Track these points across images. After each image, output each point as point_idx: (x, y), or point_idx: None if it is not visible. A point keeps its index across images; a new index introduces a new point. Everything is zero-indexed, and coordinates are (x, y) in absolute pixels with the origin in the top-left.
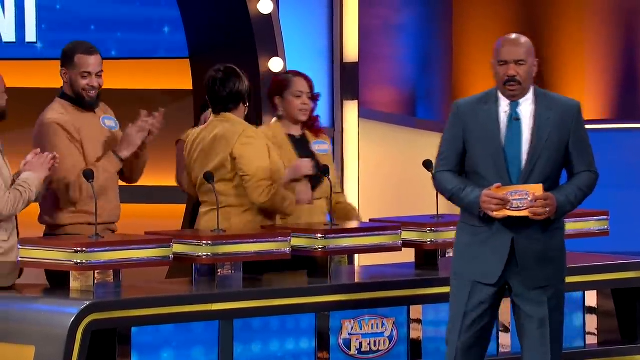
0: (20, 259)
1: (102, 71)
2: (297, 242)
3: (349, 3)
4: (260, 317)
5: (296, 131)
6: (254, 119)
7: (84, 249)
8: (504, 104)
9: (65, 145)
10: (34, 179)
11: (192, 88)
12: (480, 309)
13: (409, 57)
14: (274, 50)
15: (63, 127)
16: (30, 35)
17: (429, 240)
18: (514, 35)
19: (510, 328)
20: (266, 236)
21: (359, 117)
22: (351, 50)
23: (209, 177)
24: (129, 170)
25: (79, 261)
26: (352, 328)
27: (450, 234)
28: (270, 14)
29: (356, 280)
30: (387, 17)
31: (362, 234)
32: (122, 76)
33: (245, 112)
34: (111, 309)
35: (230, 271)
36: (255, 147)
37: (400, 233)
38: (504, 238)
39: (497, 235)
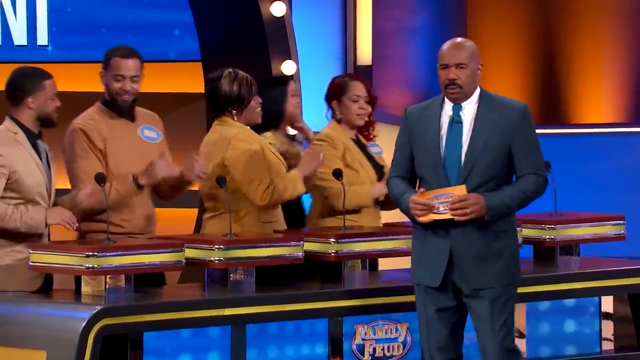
0: (31, 264)
1: (137, 76)
2: (310, 246)
3: (362, 5)
4: (273, 322)
5: (352, 135)
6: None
7: (95, 253)
8: (448, 108)
9: (81, 152)
10: (40, 219)
11: (204, 91)
12: (441, 312)
13: (423, 59)
14: (287, 52)
15: (86, 133)
16: (42, 38)
17: None
18: (457, 40)
19: (525, 333)
20: (279, 241)
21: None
22: (365, 52)
23: (221, 181)
24: (162, 192)
25: (90, 266)
26: (365, 333)
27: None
28: (283, 16)
29: (370, 285)
30: (400, 19)
31: (375, 238)
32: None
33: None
34: (123, 313)
35: (242, 276)
36: (245, 151)
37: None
38: (444, 241)
39: (437, 239)
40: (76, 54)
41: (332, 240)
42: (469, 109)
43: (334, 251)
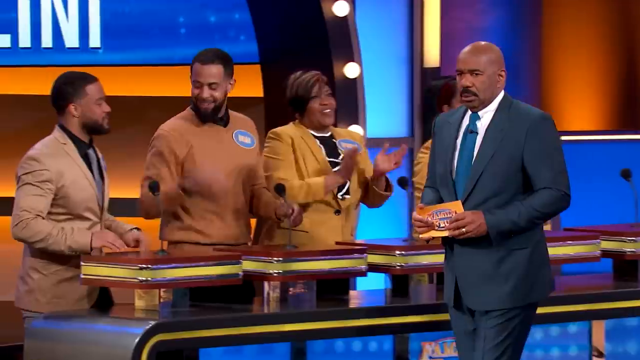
0: (82, 277)
1: (216, 83)
2: (374, 259)
3: (430, 5)
4: (334, 339)
5: None
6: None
7: (149, 265)
8: (468, 117)
9: (155, 160)
10: (85, 243)
11: (262, 95)
12: (466, 333)
13: None
14: (350, 55)
15: (166, 138)
16: (94, 40)
17: None
18: (476, 44)
19: (604, 352)
20: (341, 253)
21: None
22: (432, 55)
23: (280, 189)
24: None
25: (143, 279)
26: (432, 351)
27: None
28: (346, 16)
29: (437, 300)
30: (470, 19)
31: (441, 251)
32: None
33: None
34: (177, 329)
35: (302, 290)
36: (270, 154)
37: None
38: (452, 259)
39: (448, 256)
40: (129, 57)
41: (398, 252)
42: (486, 117)
43: (399, 264)
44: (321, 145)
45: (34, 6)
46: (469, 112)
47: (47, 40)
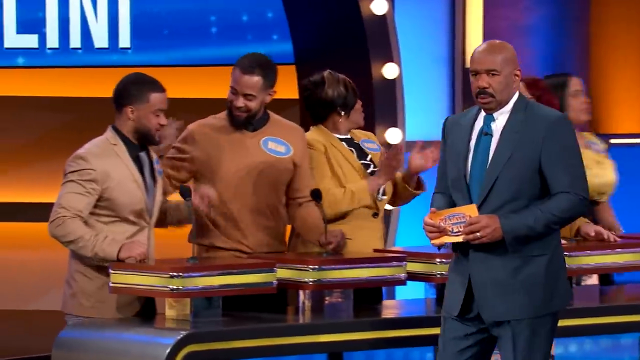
0: (111, 285)
1: (252, 95)
2: (414, 267)
3: (472, 3)
4: (373, 350)
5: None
6: (368, 128)
7: (180, 274)
8: (481, 118)
9: (175, 153)
10: (111, 253)
11: (298, 97)
12: (456, 338)
13: (540, 61)
14: (389, 55)
15: (191, 136)
16: (124, 40)
17: None
18: (490, 42)
19: None
20: (379, 261)
21: None
22: None
23: (316, 195)
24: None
25: (174, 287)
26: None
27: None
28: (384, 14)
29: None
30: (514, 17)
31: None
32: (223, 84)
33: (343, 121)
34: (210, 340)
35: (339, 299)
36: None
37: None
38: (464, 266)
39: (459, 264)
40: (159, 57)
41: (438, 260)
42: (501, 119)
43: (440, 272)
44: (350, 148)
45: (62, 5)
46: (482, 114)
47: (75, 41)
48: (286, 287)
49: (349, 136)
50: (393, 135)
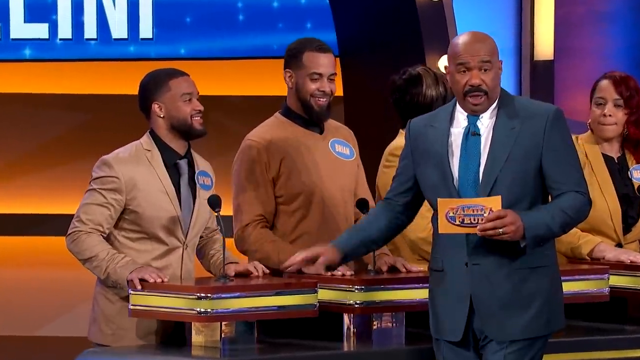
0: (131, 307)
1: (335, 75)
2: None
3: None
4: None
5: (611, 150)
6: None
7: (209, 294)
8: (461, 118)
9: (249, 177)
10: (122, 276)
11: (342, 94)
12: None
13: (620, 52)
14: (446, 46)
15: (259, 153)
16: (145, 30)
17: None
18: (473, 33)
19: None
20: None
21: None
22: (545, 45)
23: (362, 205)
24: None
25: (202, 310)
26: None
27: None
28: (441, 1)
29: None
30: (590, 3)
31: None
32: (257, 80)
33: None
34: None
35: (389, 324)
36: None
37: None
38: (464, 284)
39: (455, 282)
40: (185, 50)
41: None
42: (487, 117)
43: None
44: None
45: None
46: (459, 113)
47: (90, 31)
48: (329, 310)
49: None
50: None
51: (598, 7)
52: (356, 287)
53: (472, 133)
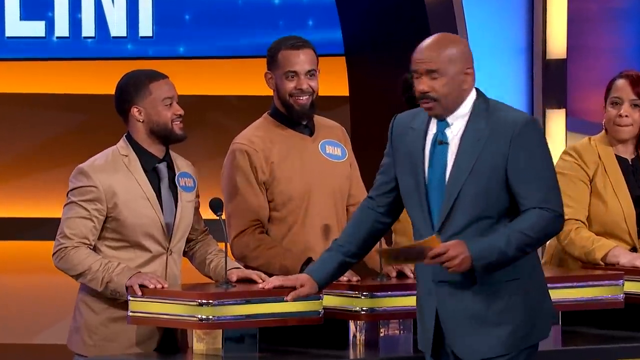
0: (130, 314)
1: (314, 71)
2: None
3: None
4: None
5: (626, 152)
6: None
7: (210, 301)
8: (434, 123)
9: (242, 181)
10: (122, 284)
11: (348, 94)
12: None
13: (635, 50)
14: None
15: (249, 156)
16: (145, 28)
17: None
18: (435, 37)
19: None
20: None
21: (567, 130)
22: (557, 43)
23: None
24: None
25: (204, 317)
26: None
27: None
28: None
29: (562, 347)
30: None
31: (574, 283)
32: (257, 80)
33: None
34: None
35: (397, 331)
36: None
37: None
38: (430, 297)
39: (425, 294)
40: (187, 49)
41: None
42: (457, 125)
43: None
44: None
45: None
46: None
47: (88, 29)
48: (334, 317)
49: None
50: None
51: (612, 4)
52: (362, 293)
53: (438, 142)
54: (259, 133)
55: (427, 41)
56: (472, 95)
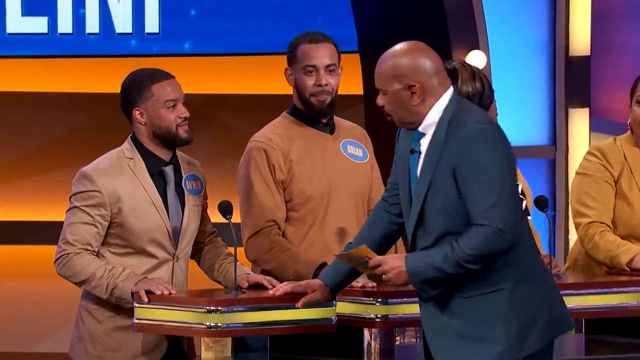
0: (136, 321)
1: (334, 65)
2: None
3: None
4: None
5: None
6: None
7: (220, 307)
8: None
9: (258, 181)
10: (127, 290)
11: (362, 93)
12: None
13: None
14: (474, 40)
15: (267, 154)
16: (151, 24)
17: None
18: (387, 52)
19: None
20: None
21: (590, 130)
22: (580, 40)
23: None
24: None
25: (212, 324)
26: None
27: None
28: None
29: (585, 356)
30: None
31: (598, 290)
32: (266, 78)
33: None
34: None
35: (413, 339)
36: None
37: None
38: (422, 313)
39: (420, 309)
40: (194, 45)
41: None
42: (428, 135)
43: None
44: None
45: None
46: None
47: (92, 25)
48: (348, 324)
49: None
50: None
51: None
52: (377, 299)
53: (411, 151)
54: (278, 131)
55: (380, 58)
56: (442, 102)
